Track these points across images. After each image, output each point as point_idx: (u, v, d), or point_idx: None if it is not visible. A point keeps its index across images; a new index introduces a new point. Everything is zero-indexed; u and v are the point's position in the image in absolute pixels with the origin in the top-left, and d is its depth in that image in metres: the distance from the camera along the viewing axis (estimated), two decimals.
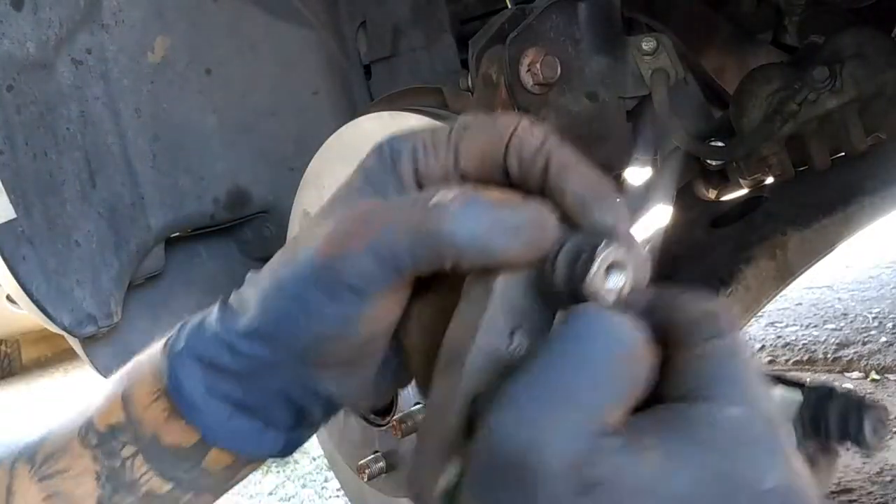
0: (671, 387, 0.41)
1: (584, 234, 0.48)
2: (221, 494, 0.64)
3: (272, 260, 0.57)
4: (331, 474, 2.60)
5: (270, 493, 2.83)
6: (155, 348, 0.61)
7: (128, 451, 0.60)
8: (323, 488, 2.80)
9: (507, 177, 0.52)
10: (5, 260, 1.18)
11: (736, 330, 0.42)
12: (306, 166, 1.07)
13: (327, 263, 0.52)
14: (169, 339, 0.59)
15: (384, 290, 0.51)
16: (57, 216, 1.22)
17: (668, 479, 0.36)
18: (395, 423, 0.87)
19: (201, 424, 0.57)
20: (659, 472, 0.36)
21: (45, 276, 1.21)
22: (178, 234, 1.40)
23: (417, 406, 1.08)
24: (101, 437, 0.61)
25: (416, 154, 0.53)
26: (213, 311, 0.59)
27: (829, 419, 0.47)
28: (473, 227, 0.48)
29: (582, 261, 0.47)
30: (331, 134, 1.02)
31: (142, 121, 1.30)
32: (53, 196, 1.21)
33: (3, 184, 1.16)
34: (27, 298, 1.20)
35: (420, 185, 0.53)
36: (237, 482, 0.63)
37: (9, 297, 1.25)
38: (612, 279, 0.46)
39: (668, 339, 0.43)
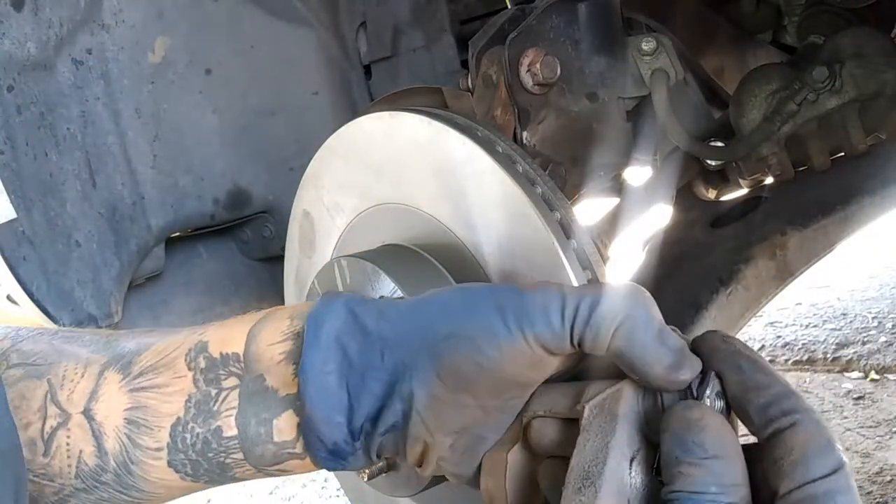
0: None
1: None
2: (256, 476, 0.65)
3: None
4: (331, 474, 2.60)
5: (270, 493, 2.83)
6: (300, 305, 0.64)
7: (230, 382, 0.62)
8: (323, 488, 2.80)
9: None
10: (5, 260, 1.18)
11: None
12: (306, 166, 1.06)
13: (520, 292, 0.57)
14: (326, 293, 0.62)
15: (549, 341, 0.56)
16: (57, 216, 1.22)
17: None
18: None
19: (308, 363, 0.59)
20: None
21: (46, 276, 1.21)
22: (178, 234, 1.40)
23: None
24: (211, 362, 0.63)
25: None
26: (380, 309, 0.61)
27: None
28: (644, 337, 0.54)
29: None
30: (331, 134, 1.01)
31: (142, 121, 1.30)
32: (54, 196, 1.21)
33: (3, 184, 1.16)
34: (27, 298, 1.20)
35: None
36: (279, 469, 0.65)
37: (9, 297, 1.25)
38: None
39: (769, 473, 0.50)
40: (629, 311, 0.56)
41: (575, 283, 0.77)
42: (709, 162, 1.20)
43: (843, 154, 1.20)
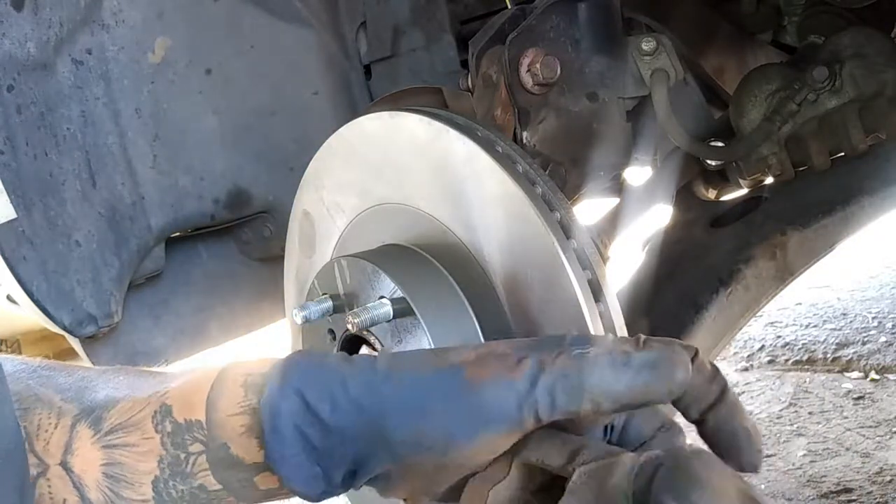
0: None
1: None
2: None
3: (415, 351, 0.63)
4: None
5: None
6: (252, 365, 0.65)
7: (196, 447, 0.65)
8: None
9: None
10: (5, 260, 1.18)
11: None
12: (306, 166, 1.06)
13: (473, 386, 0.56)
14: (280, 364, 0.63)
15: (510, 431, 0.56)
16: (57, 216, 1.22)
17: None
18: None
19: (274, 452, 0.61)
20: None
21: (46, 276, 1.21)
22: (178, 234, 1.40)
23: None
24: (176, 427, 0.65)
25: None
26: (334, 359, 0.62)
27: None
28: (614, 380, 0.53)
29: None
30: (331, 134, 1.01)
31: (142, 121, 1.30)
32: (54, 196, 1.21)
33: (3, 184, 1.16)
34: (27, 298, 1.20)
35: None
36: (269, 500, 0.68)
37: (9, 297, 1.24)
38: None
39: None
40: (584, 377, 0.54)
41: (575, 284, 0.77)
42: (709, 162, 1.20)
43: (843, 154, 1.20)
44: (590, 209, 1.21)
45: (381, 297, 0.83)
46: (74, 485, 0.64)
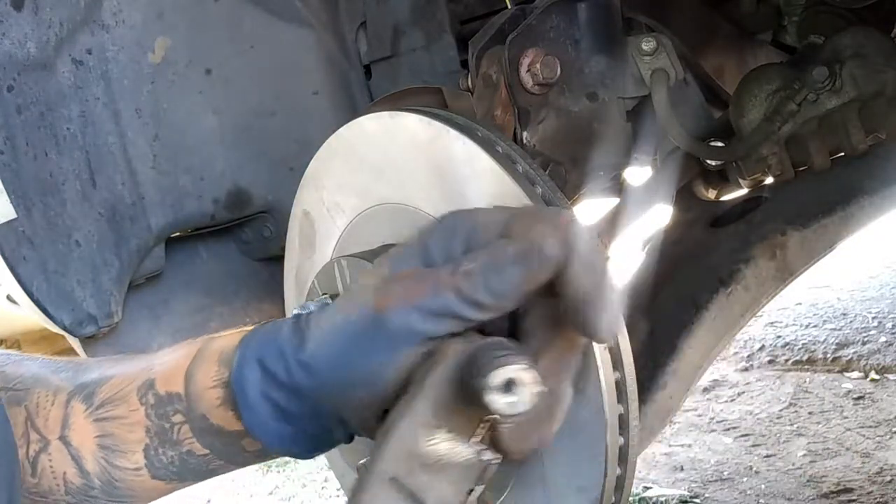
0: None
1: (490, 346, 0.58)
2: (248, 465, 0.74)
3: (336, 302, 0.67)
4: (331, 474, 2.60)
5: (270, 493, 2.83)
6: (226, 339, 0.71)
7: (178, 418, 0.70)
8: (323, 488, 2.81)
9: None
10: (5, 260, 1.18)
11: None
12: (306, 166, 1.06)
13: (379, 317, 0.61)
14: (244, 337, 0.69)
15: (422, 344, 0.61)
16: (57, 216, 1.22)
17: None
18: None
19: (250, 421, 0.66)
20: None
21: (46, 276, 1.21)
22: (178, 234, 1.40)
23: None
24: (158, 399, 0.70)
25: (471, 233, 0.63)
26: (286, 325, 0.67)
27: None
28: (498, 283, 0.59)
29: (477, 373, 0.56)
30: (331, 134, 1.01)
31: (142, 121, 1.30)
32: (54, 196, 1.21)
33: (3, 184, 1.16)
34: (27, 298, 1.20)
35: None
36: (264, 461, 0.75)
37: (9, 297, 1.24)
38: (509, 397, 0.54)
39: None
40: (474, 288, 0.61)
41: None
42: (709, 162, 1.20)
43: (843, 154, 1.20)
44: (590, 209, 1.21)
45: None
46: (73, 457, 0.69)
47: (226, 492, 2.80)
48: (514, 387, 0.54)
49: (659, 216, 1.24)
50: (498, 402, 0.54)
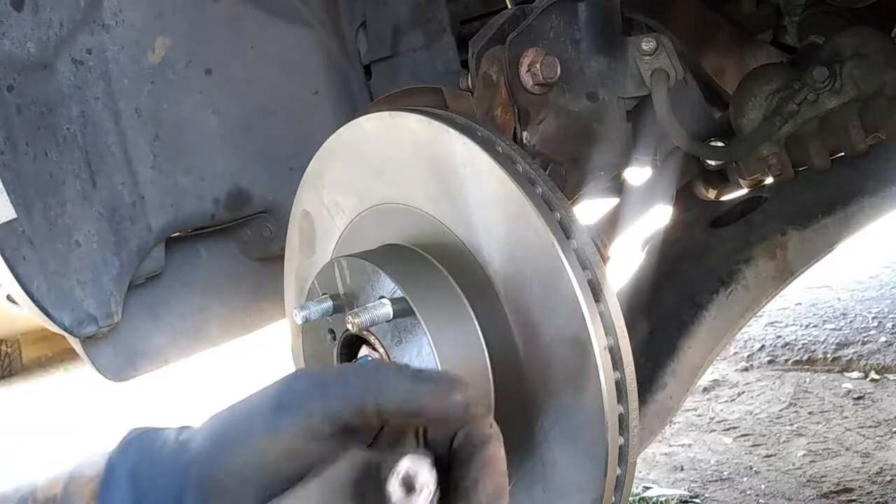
0: None
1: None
2: None
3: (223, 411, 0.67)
4: None
5: None
6: (96, 455, 0.68)
7: None
8: None
9: None
10: (5, 260, 1.18)
11: None
12: (306, 166, 1.07)
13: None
14: (112, 454, 0.67)
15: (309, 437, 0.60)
16: (57, 216, 1.22)
17: None
18: None
19: None
20: None
21: (46, 276, 1.21)
22: (178, 234, 1.40)
23: None
24: None
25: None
26: (169, 436, 0.66)
27: None
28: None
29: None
30: (331, 134, 1.02)
31: (142, 121, 1.30)
32: (54, 196, 1.21)
33: (3, 184, 1.16)
34: (27, 298, 1.20)
35: None
36: None
37: (9, 297, 1.24)
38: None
39: None
40: (370, 390, 0.61)
41: (574, 284, 0.77)
42: (709, 162, 1.20)
43: (843, 154, 1.20)
44: (590, 209, 1.21)
45: (381, 296, 0.83)
46: None
47: None
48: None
49: (659, 216, 1.24)
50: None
